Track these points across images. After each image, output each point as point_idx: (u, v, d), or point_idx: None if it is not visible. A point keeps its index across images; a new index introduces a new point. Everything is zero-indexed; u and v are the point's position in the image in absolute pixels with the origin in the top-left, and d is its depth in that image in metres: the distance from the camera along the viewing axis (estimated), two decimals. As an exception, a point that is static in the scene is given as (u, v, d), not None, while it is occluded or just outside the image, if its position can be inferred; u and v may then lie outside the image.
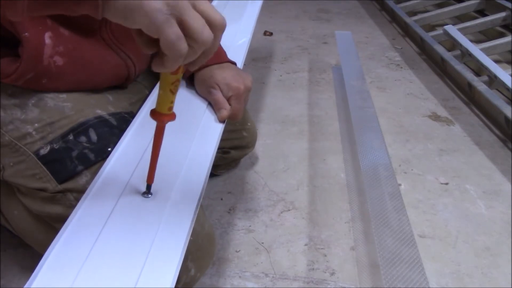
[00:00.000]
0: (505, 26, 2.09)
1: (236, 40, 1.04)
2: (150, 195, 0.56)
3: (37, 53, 0.63)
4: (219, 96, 0.76)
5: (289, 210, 1.10)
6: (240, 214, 1.08)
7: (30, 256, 0.92)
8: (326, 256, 0.97)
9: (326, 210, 1.10)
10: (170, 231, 0.51)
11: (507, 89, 1.51)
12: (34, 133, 0.66)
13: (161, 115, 0.50)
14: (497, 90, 1.66)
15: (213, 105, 0.78)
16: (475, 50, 1.73)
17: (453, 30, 1.89)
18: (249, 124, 1.10)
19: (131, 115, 0.74)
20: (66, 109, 0.68)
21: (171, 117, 0.51)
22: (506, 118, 1.40)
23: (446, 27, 1.92)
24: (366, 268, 0.93)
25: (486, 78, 1.65)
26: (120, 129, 0.69)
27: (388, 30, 2.49)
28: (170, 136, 0.55)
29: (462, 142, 1.42)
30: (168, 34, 0.41)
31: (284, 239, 1.01)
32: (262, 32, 2.35)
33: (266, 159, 1.30)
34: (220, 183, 1.19)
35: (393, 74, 1.93)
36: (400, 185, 1.20)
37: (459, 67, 1.72)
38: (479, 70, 1.79)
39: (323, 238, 1.01)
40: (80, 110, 0.69)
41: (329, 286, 0.89)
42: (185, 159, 0.64)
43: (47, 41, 0.63)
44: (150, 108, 0.53)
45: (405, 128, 1.50)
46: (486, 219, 1.09)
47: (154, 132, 0.52)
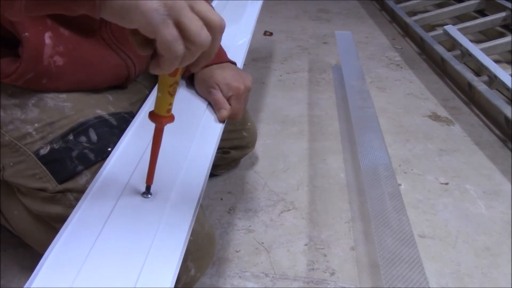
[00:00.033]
0: (505, 26, 2.09)
1: (236, 40, 1.04)
2: (149, 196, 0.56)
3: (37, 53, 0.63)
4: (219, 96, 0.76)
5: (289, 210, 1.10)
6: (240, 214, 1.08)
7: (30, 256, 0.92)
8: (326, 256, 0.97)
9: (326, 210, 1.10)
10: (169, 231, 0.51)
11: (507, 89, 1.51)
12: (34, 133, 0.66)
13: (159, 117, 0.50)
14: (497, 90, 1.66)
15: (213, 105, 0.78)
16: (475, 50, 1.73)
17: (453, 30, 1.89)
18: (249, 124, 1.10)
19: (131, 115, 0.74)
20: (66, 109, 0.68)
21: (170, 119, 0.50)
22: (506, 118, 1.40)
23: (446, 27, 1.92)
24: (366, 268, 0.93)
25: (486, 78, 1.65)
26: (120, 129, 0.69)
27: (388, 30, 2.49)
28: (170, 136, 0.55)
29: (462, 142, 1.42)
30: (164, 35, 0.40)
31: (284, 239, 1.01)
32: (262, 32, 2.35)
33: (266, 159, 1.30)
34: (220, 183, 1.19)
35: (393, 74, 1.93)
36: (400, 185, 1.20)
37: (459, 67, 1.72)
38: (479, 70, 1.79)
39: (323, 238, 1.01)
40: (80, 110, 0.69)
41: (329, 286, 0.89)
42: (185, 159, 0.64)
43: (47, 41, 0.63)
44: (150, 108, 0.53)
45: (405, 128, 1.50)
46: (486, 219, 1.09)
47: (153, 134, 0.52)
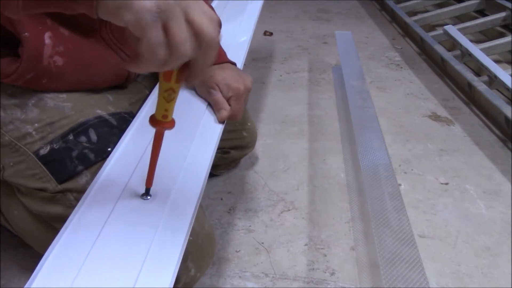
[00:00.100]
0: (505, 26, 2.09)
1: (236, 39, 1.04)
2: (149, 197, 0.56)
3: (37, 53, 0.63)
4: (219, 96, 0.76)
5: (289, 210, 1.10)
6: (240, 214, 1.08)
7: (30, 256, 0.92)
8: (326, 256, 0.97)
9: (326, 210, 1.10)
10: (169, 231, 0.51)
11: (507, 89, 1.51)
12: (34, 133, 0.66)
13: (159, 122, 0.49)
14: (497, 90, 1.66)
15: (212, 105, 0.78)
16: (475, 50, 1.73)
17: (453, 30, 1.89)
18: (249, 124, 1.10)
19: (131, 115, 0.74)
20: (66, 109, 0.68)
21: (167, 125, 0.49)
22: (506, 118, 1.40)
23: (446, 27, 1.92)
24: (366, 268, 0.93)
25: (486, 78, 1.65)
26: (120, 129, 0.69)
27: (388, 30, 2.49)
28: (170, 136, 0.55)
29: (462, 142, 1.42)
30: (150, 36, 0.40)
31: (284, 239, 1.01)
32: (262, 32, 2.36)
33: (266, 159, 1.30)
34: (220, 183, 1.19)
35: (393, 74, 1.93)
36: (400, 185, 1.20)
37: (459, 67, 1.72)
38: (479, 70, 1.79)
39: (323, 238, 1.01)
40: (80, 110, 0.69)
41: (329, 286, 0.89)
42: (184, 160, 0.64)
43: (47, 41, 0.63)
44: (150, 108, 0.53)
45: (405, 128, 1.50)
46: (486, 219, 1.09)
47: (153, 138, 0.52)
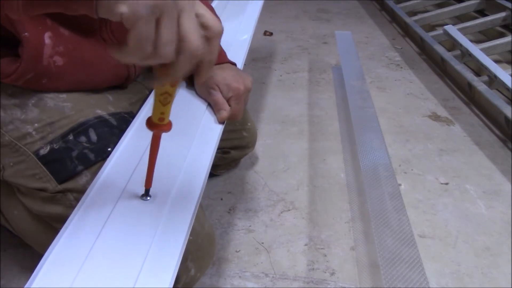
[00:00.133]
0: (505, 26, 2.09)
1: (236, 39, 1.04)
2: (148, 198, 0.56)
3: (37, 53, 0.63)
4: (219, 97, 0.76)
5: (289, 210, 1.10)
6: (240, 214, 1.08)
7: (30, 256, 0.92)
8: (326, 256, 0.97)
9: (326, 210, 1.10)
10: (169, 231, 0.51)
11: (507, 89, 1.51)
12: (34, 133, 0.66)
13: (158, 126, 0.49)
14: (497, 90, 1.66)
15: (212, 106, 0.78)
16: (475, 50, 1.73)
17: (453, 30, 1.89)
18: (249, 124, 1.10)
19: (131, 115, 0.74)
20: (66, 109, 0.68)
21: (164, 128, 0.49)
22: (506, 118, 1.40)
23: (446, 27, 1.92)
24: (366, 268, 0.93)
25: (486, 78, 1.65)
26: (120, 129, 0.69)
27: (388, 30, 2.49)
28: (170, 137, 0.55)
29: (462, 142, 1.42)
30: (141, 29, 0.39)
31: (284, 239, 1.01)
32: (262, 32, 2.36)
33: (266, 159, 1.30)
34: (220, 183, 1.19)
35: (393, 74, 1.93)
36: (400, 185, 1.20)
37: (459, 67, 1.72)
38: (479, 70, 1.79)
39: (323, 238, 1.01)
40: (80, 110, 0.69)
41: (329, 286, 0.89)
42: (184, 160, 0.64)
43: (47, 41, 0.63)
44: (150, 108, 0.53)
45: (405, 128, 1.50)
46: (486, 219, 1.09)
47: (151, 140, 0.52)
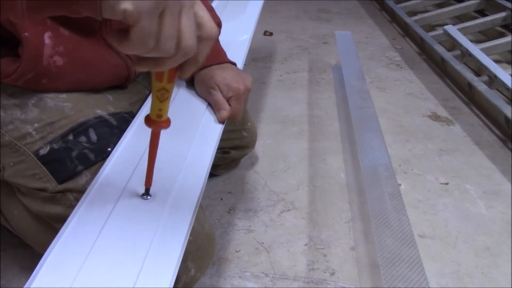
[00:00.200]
0: (505, 26, 2.09)
1: (236, 39, 1.04)
2: (149, 197, 0.56)
3: (37, 53, 0.63)
4: (219, 96, 0.76)
5: (289, 210, 1.10)
6: (240, 214, 1.08)
7: (30, 256, 0.92)
8: (326, 256, 0.97)
9: (326, 210, 1.10)
10: (169, 231, 0.51)
11: (507, 89, 1.51)
12: (34, 133, 0.66)
13: (154, 122, 0.49)
14: (497, 90, 1.66)
15: (212, 105, 0.78)
16: (475, 50, 1.73)
17: (453, 30, 1.89)
18: (249, 124, 1.10)
19: (131, 115, 0.74)
20: (66, 109, 0.68)
21: (163, 124, 0.49)
22: (506, 118, 1.40)
23: (446, 27, 1.92)
24: (366, 268, 0.93)
25: (486, 78, 1.65)
26: (120, 129, 0.69)
27: (388, 30, 2.49)
28: (170, 136, 0.55)
29: (462, 142, 1.42)
30: (144, 24, 0.39)
31: (284, 239, 1.01)
32: (262, 32, 2.35)
33: (266, 159, 1.30)
34: (220, 183, 1.19)
35: (393, 74, 1.93)
36: (400, 185, 1.20)
37: (459, 67, 1.72)
38: (479, 70, 1.79)
39: (323, 238, 1.01)
40: (80, 110, 0.69)
41: (329, 286, 0.89)
42: (184, 160, 0.64)
43: (47, 41, 0.63)
44: (149, 109, 0.53)
45: (405, 128, 1.50)
46: (486, 219, 1.09)
47: (150, 138, 0.52)
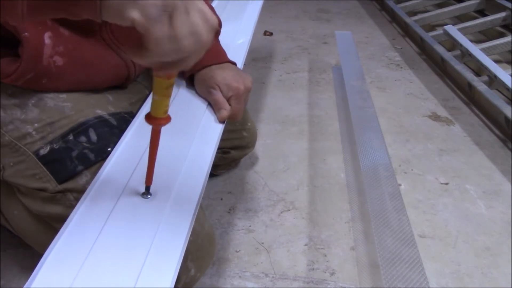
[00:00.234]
0: (505, 26, 2.09)
1: (236, 39, 1.04)
2: (149, 196, 0.56)
3: (37, 53, 0.63)
4: (219, 96, 0.76)
5: (289, 210, 1.10)
6: (240, 214, 1.08)
7: (30, 256, 0.92)
8: (326, 256, 0.97)
9: (326, 210, 1.10)
10: (169, 231, 0.51)
11: (507, 89, 1.51)
12: (34, 133, 0.66)
13: (157, 119, 0.50)
14: (497, 90, 1.66)
15: (213, 105, 0.78)
16: (475, 50, 1.73)
17: (453, 30, 1.89)
18: (249, 124, 1.10)
19: (131, 115, 0.74)
20: (66, 109, 0.68)
21: (167, 120, 0.51)
22: (506, 118, 1.40)
23: (446, 27, 1.92)
24: (366, 268, 0.93)
25: (486, 78, 1.65)
26: (120, 129, 0.69)
27: (388, 30, 2.49)
28: (170, 136, 0.55)
29: (462, 142, 1.42)
30: (157, 30, 0.40)
31: (284, 239, 1.01)
32: (262, 32, 2.35)
33: (266, 159, 1.30)
34: (220, 183, 1.19)
35: (393, 74, 1.93)
36: (400, 185, 1.20)
37: (459, 67, 1.72)
38: (479, 70, 1.79)
39: (323, 238, 1.01)
40: (80, 110, 0.69)
41: (329, 286, 0.89)
42: (184, 160, 0.64)
43: (47, 41, 0.63)
44: (149, 109, 0.53)
45: (405, 128, 1.50)
46: (486, 219, 1.09)
47: (151, 135, 0.52)
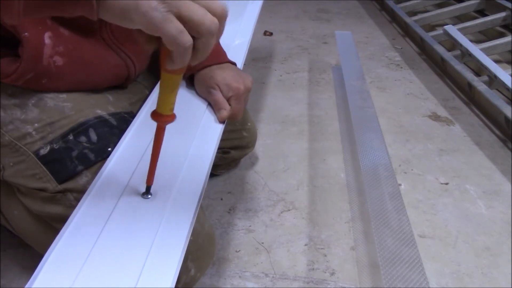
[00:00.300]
0: (505, 26, 2.09)
1: (236, 39, 1.04)
2: (149, 196, 0.56)
3: (37, 53, 0.63)
4: (219, 96, 0.76)
5: (289, 210, 1.10)
6: (240, 214, 1.08)
7: (30, 256, 0.92)
8: (326, 256, 0.97)
9: (326, 210, 1.10)
10: (170, 231, 0.51)
11: (507, 89, 1.51)
12: (34, 133, 0.66)
13: (163, 116, 0.50)
14: (497, 90, 1.66)
15: (213, 105, 0.78)
16: (475, 50, 1.73)
17: (453, 30, 1.89)
18: (249, 124, 1.10)
19: (131, 115, 0.74)
20: (66, 109, 0.68)
21: (173, 117, 0.51)
22: (506, 118, 1.40)
23: (446, 27, 1.92)
24: (366, 268, 0.93)
25: (486, 78, 1.65)
26: (120, 129, 0.69)
27: (388, 30, 2.49)
28: (170, 136, 0.55)
29: (462, 142, 1.42)
30: (168, 30, 0.40)
31: (284, 239, 1.01)
32: (262, 32, 2.35)
33: (266, 159, 1.30)
34: (220, 183, 1.19)
35: (393, 74, 1.93)
36: (400, 185, 1.20)
37: (459, 67, 1.72)
38: (479, 70, 1.79)
39: (323, 238, 1.01)
40: (80, 110, 0.69)
41: (329, 286, 0.89)
42: (185, 160, 0.64)
43: (47, 41, 0.63)
44: (150, 108, 0.53)
45: (405, 128, 1.50)
46: (486, 219, 1.09)
47: (155, 133, 0.52)
